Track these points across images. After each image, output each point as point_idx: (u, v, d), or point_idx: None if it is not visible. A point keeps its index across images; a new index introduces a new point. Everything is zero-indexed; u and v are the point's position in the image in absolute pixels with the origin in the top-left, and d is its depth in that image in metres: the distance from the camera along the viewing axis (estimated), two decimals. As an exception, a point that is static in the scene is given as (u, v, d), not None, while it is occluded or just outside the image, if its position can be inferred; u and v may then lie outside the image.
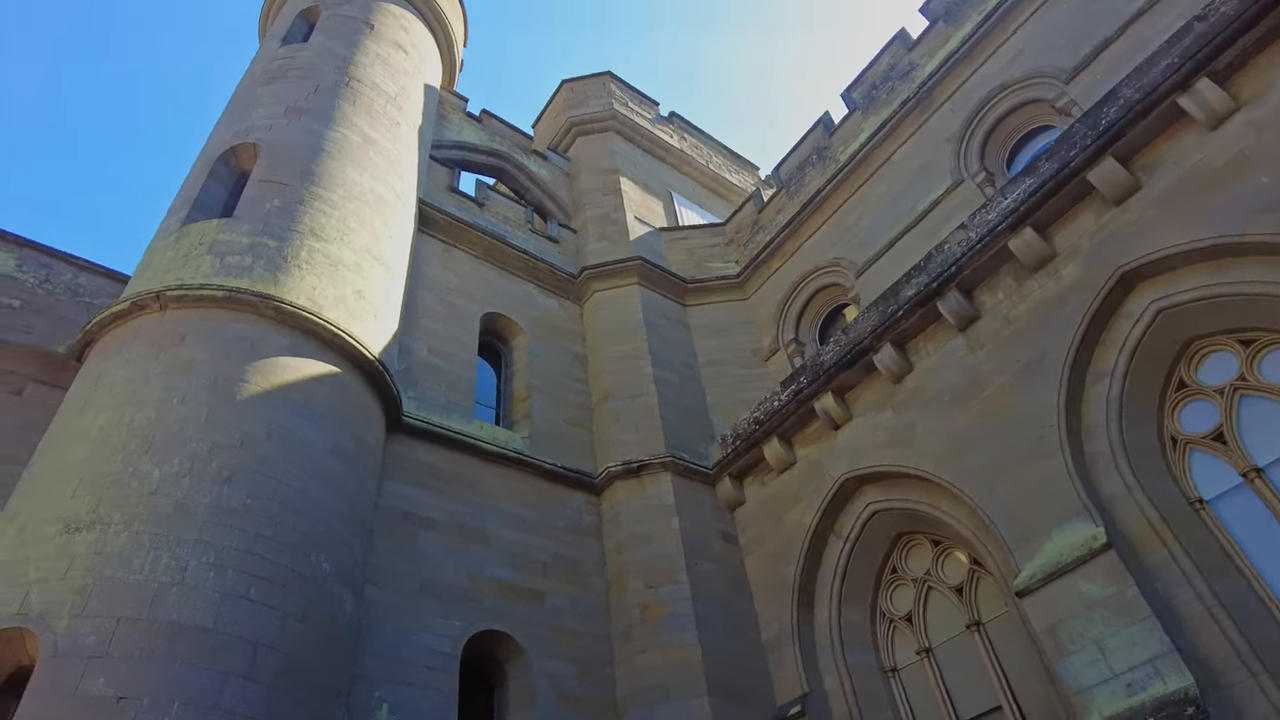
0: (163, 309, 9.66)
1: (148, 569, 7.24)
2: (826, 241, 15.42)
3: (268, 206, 11.40)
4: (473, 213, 15.56)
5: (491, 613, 10.23)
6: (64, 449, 8.29)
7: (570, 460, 12.82)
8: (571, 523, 12.12)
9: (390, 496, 10.48)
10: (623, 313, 15.40)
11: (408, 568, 9.97)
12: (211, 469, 8.21)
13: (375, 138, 13.94)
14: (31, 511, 7.70)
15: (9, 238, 10.76)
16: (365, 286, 11.47)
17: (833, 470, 11.45)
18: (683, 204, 19.62)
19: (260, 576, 7.76)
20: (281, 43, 15.44)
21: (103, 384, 8.90)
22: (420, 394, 11.96)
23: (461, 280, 14.33)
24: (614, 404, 13.80)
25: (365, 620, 9.06)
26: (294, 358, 9.81)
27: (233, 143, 12.69)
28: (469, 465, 11.58)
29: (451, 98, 18.62)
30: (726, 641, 10.88)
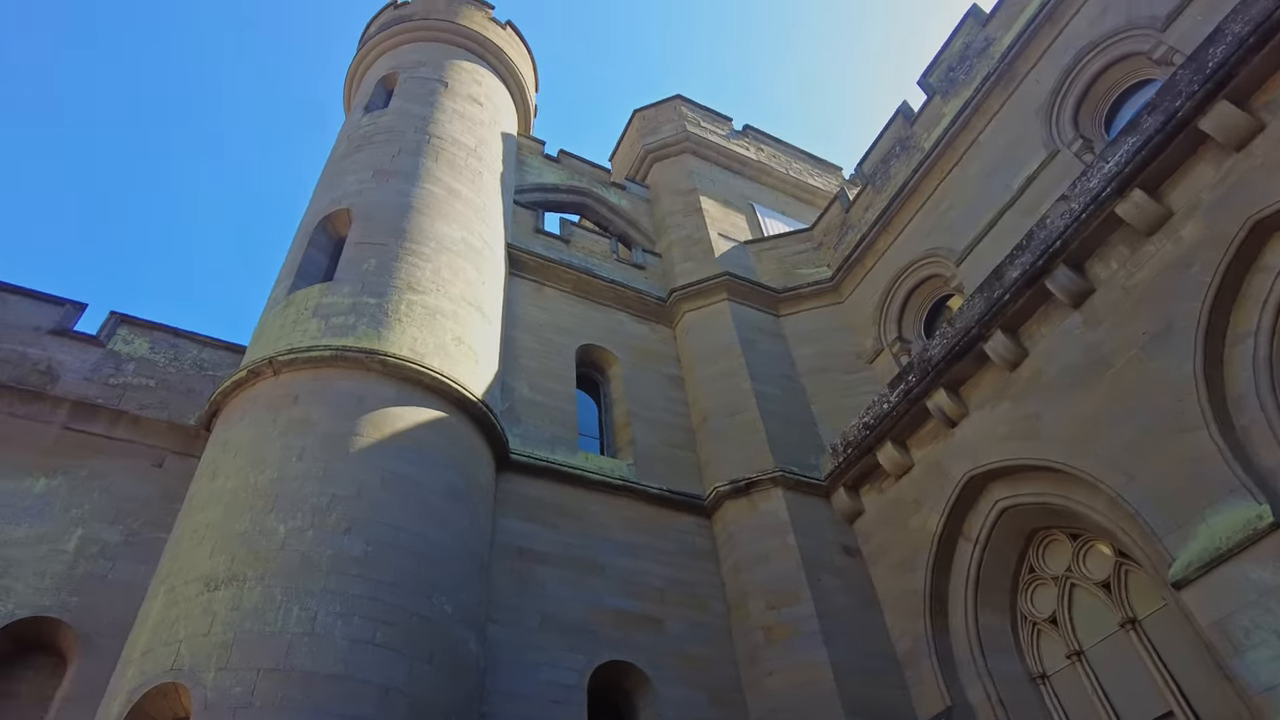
0: (276, 373, 10.20)
1: (280, 621, 7.56)
2: (920, 232, 14.86)
3: (365, 266, 11.91)
4: (559, 250, 15.85)
5: (613, 643, 10.17)
6: (199, 513, 8.83)
7: (677, 484, 12.71)
8: (684, 547, 11.97)
9: (504, 533, 10.64)
10: (715, 330, 15.26)
11: (527, 603, 10.06)
12: (331, 521, 8.54)
13: (460, 190, 14.42)
14: (176, 573, 8.21)
15: (141, 323, 11.67)
16: (463, 332, 11.79)
17: (954, 470, 10.87)
18: (766, 214, 19.37)
19: (385, 622, 7.97)
20: (365, 111, 16.27)
21: (229, 449, 9.46)
22: (525, 430, 12.16)
23: (555, 316, 14.56)
24: (715, 423, 13.63)
25: (490, 658, 9.17)
26: (401, 407, 10.14)
27: (328, 210, 13.38)
28: (577, 497, 11.64)
29: (529, 142, 19.11)
30: (858, 658, 10.42)
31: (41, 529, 9.28)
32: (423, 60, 17.82)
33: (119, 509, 9.81)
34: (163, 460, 10.51)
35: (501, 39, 19.83)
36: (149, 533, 9.70)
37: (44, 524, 9.33)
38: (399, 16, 19.28)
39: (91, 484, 9.90)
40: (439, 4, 19.46)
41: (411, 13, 19.24)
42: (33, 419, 10.13)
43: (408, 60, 17.87)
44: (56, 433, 10.14)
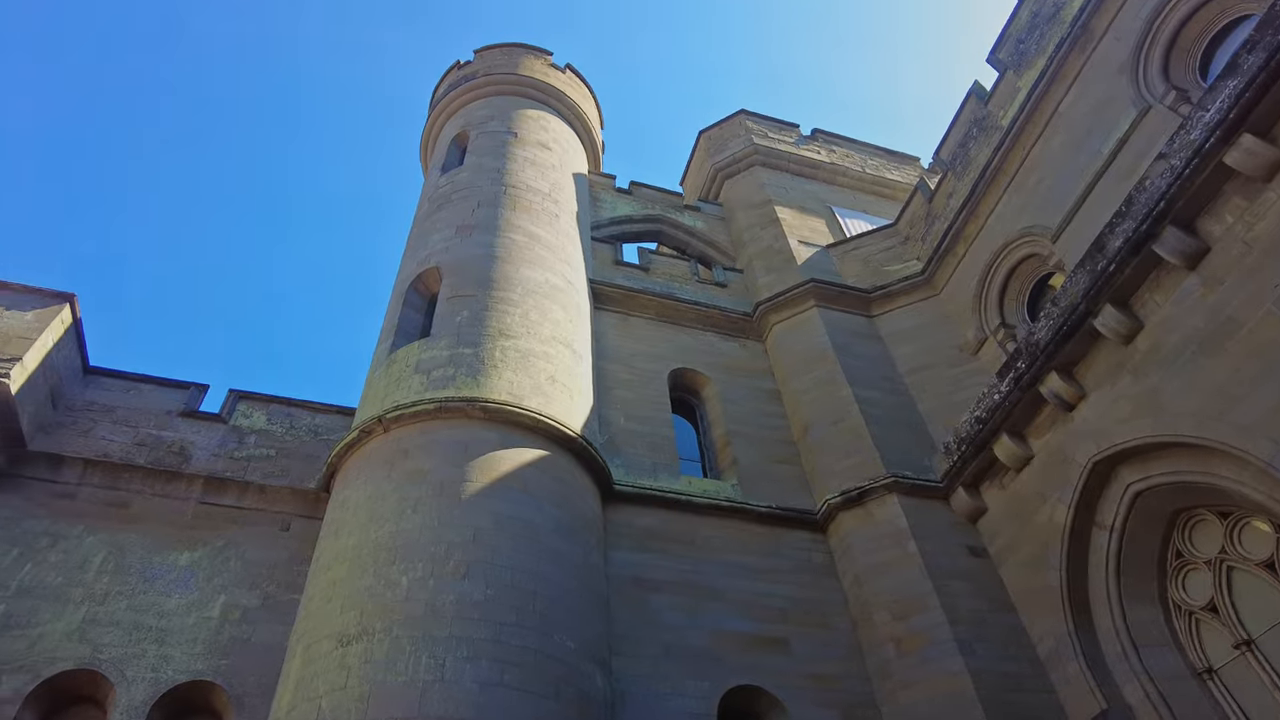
0: (386, 431, 10.62)
1: (411, 670, 7.78)
2: (1010, 213, 14.24)
3: (458, 319, 12.32)
4: (640, 279, 15.98)
5: (739, 668, 10.00)
6: (326, 571, 9.24)
7: (785, 500, 12.47)
8: (800, 563, 11.70)
9: (618, 565, 10.67)
10: (806, 339, 15.00)
11: (648, 633, 10.03)
12: (450, 568, 8.77)
13: (539, 234, 14.78)
14: (311, 631, 8.59)
15: (257, 397, 12.44)
16: (556, 371, 12.00)
17: (1077, 456, 10.26)
18: (846, 215, 19.00)
19: (510, 663, 8.09)
20: (442, 171, 16.95)
21: (348, 507, 9.88)
22: (626, 460, 12.21)
23: (643, 345, 14.65)
24: (818, 434, 13.34)
25: (616, 691, 9.16)
26: (505, 450, 10.37)
27: (418, 270, 13.94)
28: (685, 522, 11.58)
29: (600, 178, 19.45)
30: (997, 664, 9.87)
31: (189, 598, 9.93)
32: (491, 114, 18.46)
33: (254, 574, 10.41)
34: (289, 524, 11.10)
35: (562, 83, 20.35)
36: (283, 595, 10.23)
37: (191, 593, 9.99)
38: (463, 76, 20.07)
39: (228, 553, 10.56)
40: (500, 58, 20.16)
41: (475, 70, 20.00)
42: (172, 496, 10.92)
43: (476, 116, 18.54)
44: (193, 507, 10.89)
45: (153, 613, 9.65)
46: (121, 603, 9.66)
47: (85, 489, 10.69)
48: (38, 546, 9.98)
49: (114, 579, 9.87)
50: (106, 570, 9.94)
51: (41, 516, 10.30)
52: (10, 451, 10.60)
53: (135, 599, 9.74)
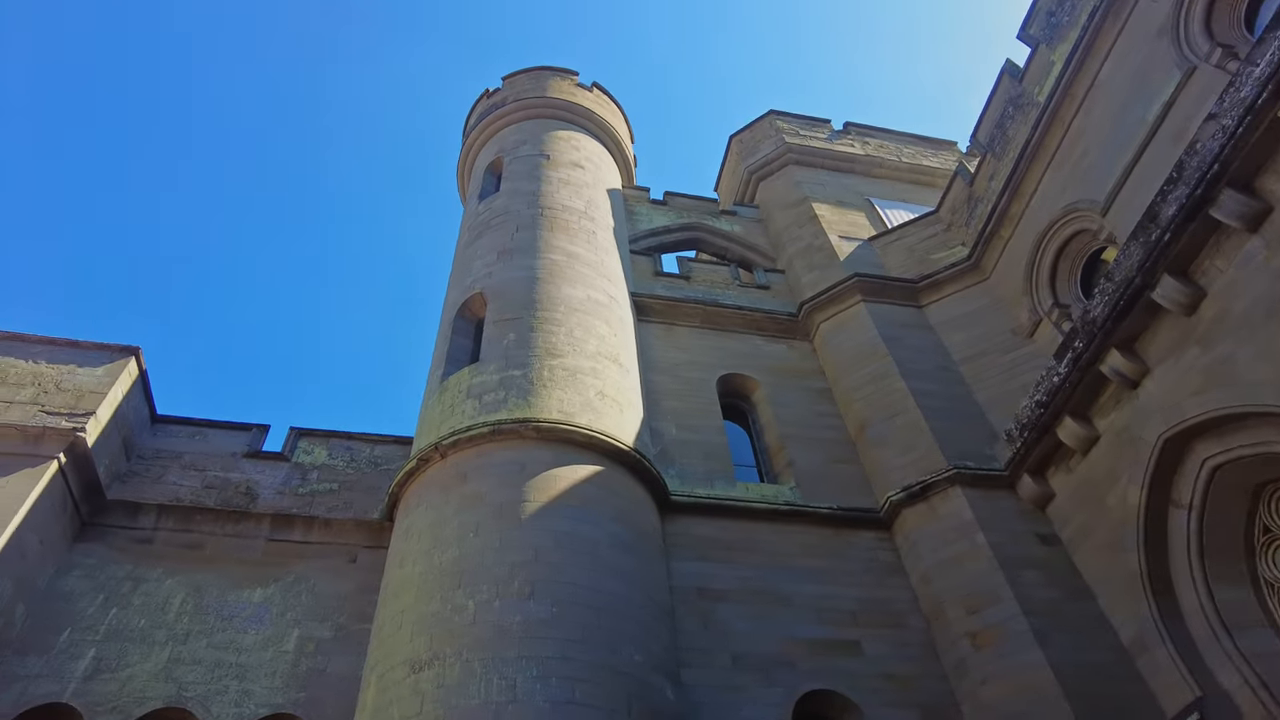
0: (443, 457, 10.77)
1: (483, 693, 7.85)
2: (1055, 189, 13.88)
3: (505, 342, 12.46)
4: (681, 288, 15.98)
5: (811, 673, 9.85)
6: (394, 600, 9.39)
7: (846, 500, 12.28)
8: (867, 564, 11.49)
9: (681, 576, 10.62)
10: (855, 335, 14.80)
11: (716, 643, 9.95)
12: (515, 588, 8.83)
13: (578, 252, 14.90)
14: (383, 660, 8.74)
15: (317, 433, 12.76)
16: (604, 386, 12.05)
17: (1146, 433, 9.89)
18: (886, 206, 18.75)
19: (580, 679, 8.10)
20: (479, 199, 17.23)
21: (411, 535, 10.04)
22: (680, 470, 12.18)
23: (689, 353, 14.63)
24: (875, 430, 13.12)
25: (688, 703, 9.10)
26: (560, 468, 10.43)
27: (462, 298, 14.16)
28: (745, 529, 11.48)
29: (634, 192, 19.55)
30: (1079, 655, 9.53)
31: (265, 633, 10.21)
32: (522, 139, 18.72)
33: (325, 607, 10.65)
34: (356, 556, 11.33)
35: (590, 101, 20.54)
36: (354, 625, 10.44)
37: (266, 629, 10.26)
38: (493, 104, 20.40)
39: (299, 587, 10.82)
40: (527, 83, 20.46)
41: (504, 98, 20.32)
42: (242, 535, 11.26)
43: (509, 142, 18.83)
44: (263, 545, 11.21)
45: (232, 649, 9.95)
46: (202, 641, 9.98)
47: (161, 533, 11.10)
48: (122, 591, 10.38)
49: (194, 619, 10.21)
50: (186, 610, 10.29)
51: (123, 562, 10.71)
52: (91, 502, 11.05)
53: (214, 637, 10.05)
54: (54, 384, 11.12)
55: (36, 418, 10.60)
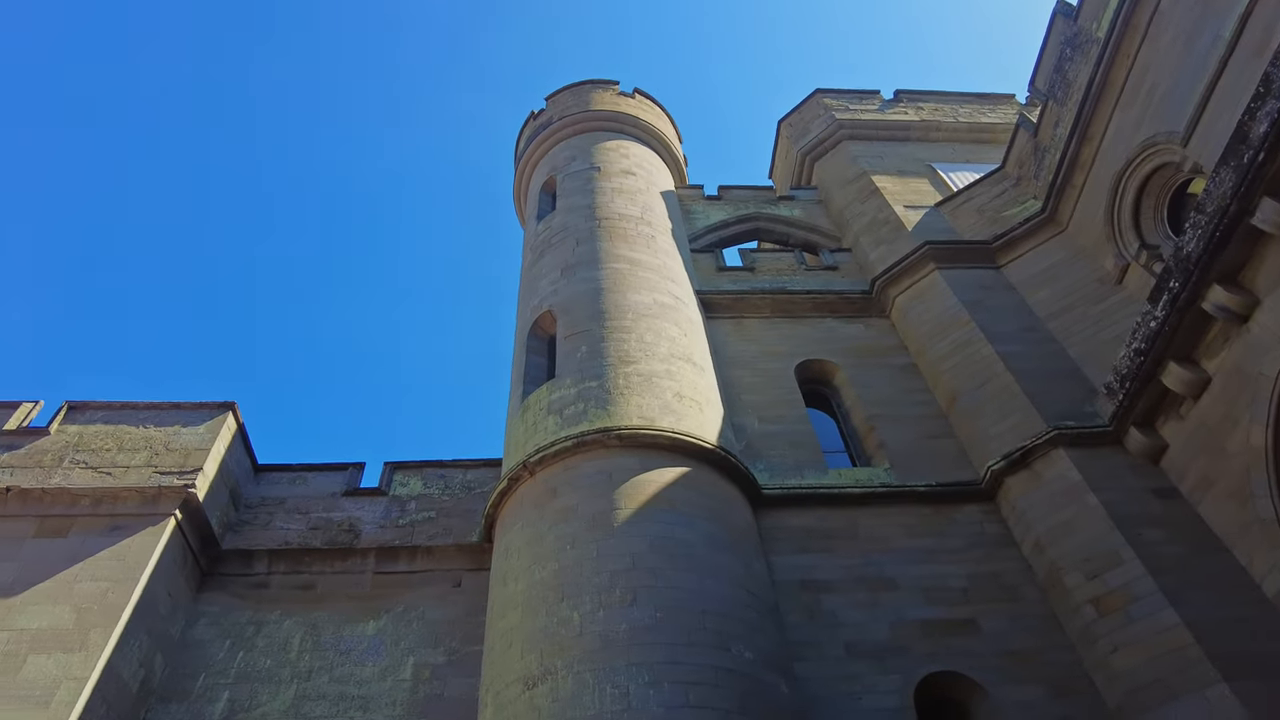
0: (532, 474, 10.91)
1: (598, 703, 7.88)
2: (1128, 126, 13.18)
3: (578, 355, 12.56)
4: (747, 280, 15.83)
5: (927, 656, 9.56)
6: (501, 619, 9.54)
7: (944, 475, 11.90)
8: (973, 539, 11.10)
9: (782, 570, 10.48)
10: (934, 305, 14.36)
11: (826, 635, 9.76)
12: (617, 597, 8.85)
13: (639, 258, 14.93)
14: (497, 679, 8.88)
15: (410, 465, 13.14)
16: (681, 387, 12.01)
17: (1264, 369, 9.22)
18: (949, 170, 18.17)
19: (692, 682, 8.05)
20: (537, 219, 17.46)
21: (510, 554, 10.19)
22: (769, 463, 12.02)
23: (763, 345, 14.45)
24: (966, 400, 12.68)
25: (804, 698, 8.94)
26: (647, 473, 10.42)
27: (532, 318, 14.36)
28: (842, 516, 11.24)
29: (688, 191, 19.49)
30: (1217, 611, 8.94)
31: (382, 664, 10.53)
32: (572, 155, 18.90)
33: (436, 633, 10.91)
34: (460, 580, 11.60)
35: (633, 108, 20.59)
36: (466, 648, 10.66)
37: (382, 660, 10.58)
38: (539, 125, 20.68)
39: (409, 616, 11.13)
40: (570, 100, 20.66)
41: (549, 118, 20.57)
42: (350, 571, 11.67)
43: (559, 160, 19.04)
44: (370, 579, 11.59)
45: (352, 682, 10.29)
46: (324, 676, 10.35)
47: (275, 576, 11.60)
48: (246, 635, 10.88)
49: (314, 655, 10.60)
50: (306, 648, 10.70)
51: (244, 608, 11.22)
52: (208, 553, 11.63)
53: (335, 671, 10.42)
54: (163, 445, 11.76)
55: (151, 479, 11.22)
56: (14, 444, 11.75)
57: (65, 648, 9.34)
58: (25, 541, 10.53)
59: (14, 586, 9.97)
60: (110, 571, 10.20)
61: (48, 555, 10.36)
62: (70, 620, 9.62)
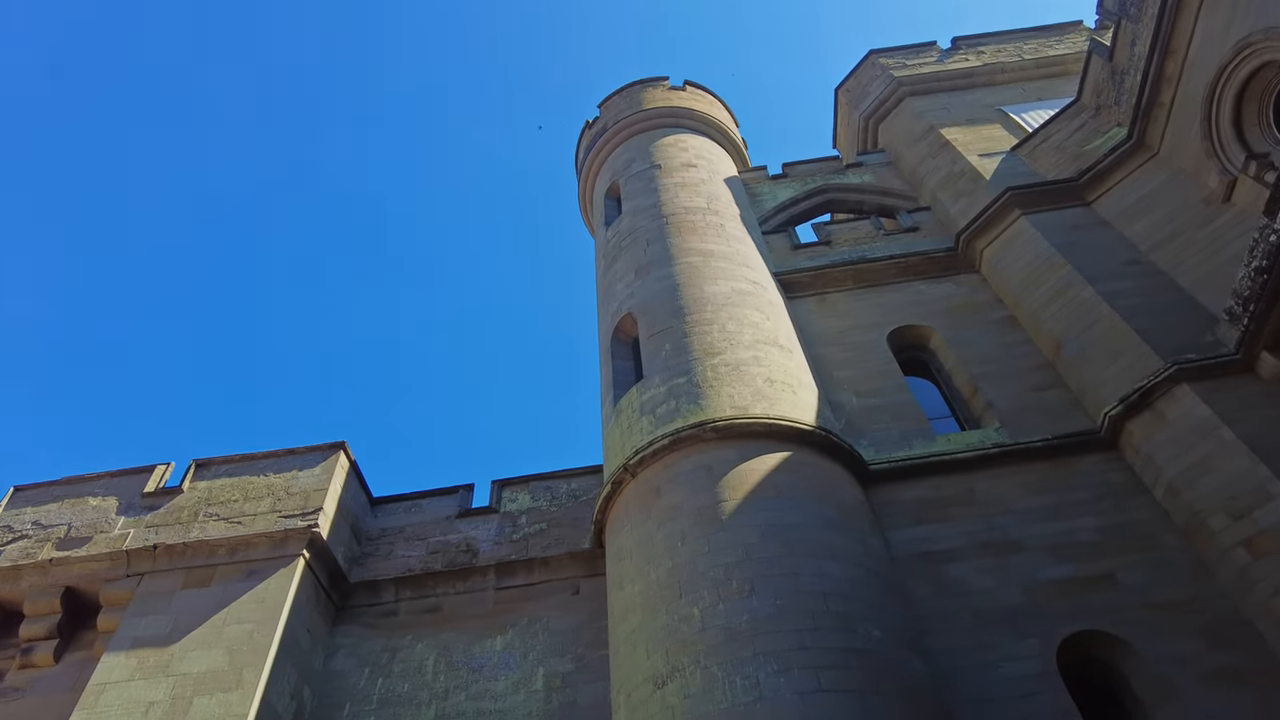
0: (633, 476, 10.97)
1: (729, 695, 7.84)
2: (1216, 31, 12.29)
3: (663, 354, 12.57)
4: (824, 254, 15.53)
5: (1065, 616, 9.14)
6: (622, 622, 9.62)
7: (1058, 428, 11.37)
8: (1098, 490, 10.56)
9: (900, 544, 10.23)
10: (1025, 253, 13.75)
11: (954, 605, 9.46)
12: (734, 589, 8.80)
13: (711, 249, 14.84)
14: (626, 680, 8.96)
15: (516, 480, 13.44)
16: (770, 372, 11.86)
17: (1406, 269, 8.47)
18: (1021, 111, 17.38)
19: (822, 666, 7.93)
20: (606, 226, 17.59)
21: (622, 557, 10.28)
22: (872, 438, 11.75)
23: (850, 318, 14.15)
24: (1072, 347, 12.09)
25: (939, 671, 8.69)
26: (748, 461, 10.34)
27: (613, 323, 14.45)
28: (956, 482, 10.89)
29: (752, 174, 19.27)
30: (1391, 537, 8.24)
31: (514, 677, 10.78)
32: (632, 157, 18.96)
33: (561, 642, 11.11)
34: (578, 587, 11.78)
35: (685, 100, 20.50)
36: (592, 653, 10.81)
37: (514, 673, 10.83)
38: (595, 134, 20.84)
39: (534, 628, 11.38)
40: (622, 103, 20.74)
41: (604, 125, 20.70)
42: (472, 590, 12.02)
43: (619, 164, 19.13)
44: (492, 595, 11.91)
45: (488, 697, 10.58)
46: (460, 695, 10.68)
47: (402, 603, 12.04)
48: (382, 662, 11.33)
49: (449, 676, 10.94)
50: (440, 669, 11.06)
51: (378, 636, 11.69)
52: (338, 588, 12.18)
53: (470, 689, 10.73)
54: (284, 490, 12.38)
55: (277, 523, 11.83)
56: (154, 505, 12.59)
57: (224, 688, 9.94)
58: (175, 594, 11.26)
59: (171, 636, 10.68)
60: (253, 614, 10.79)
61: (196, 604, 11.05)
62: (225, 662, 10.23)
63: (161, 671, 10.24)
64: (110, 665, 10.42)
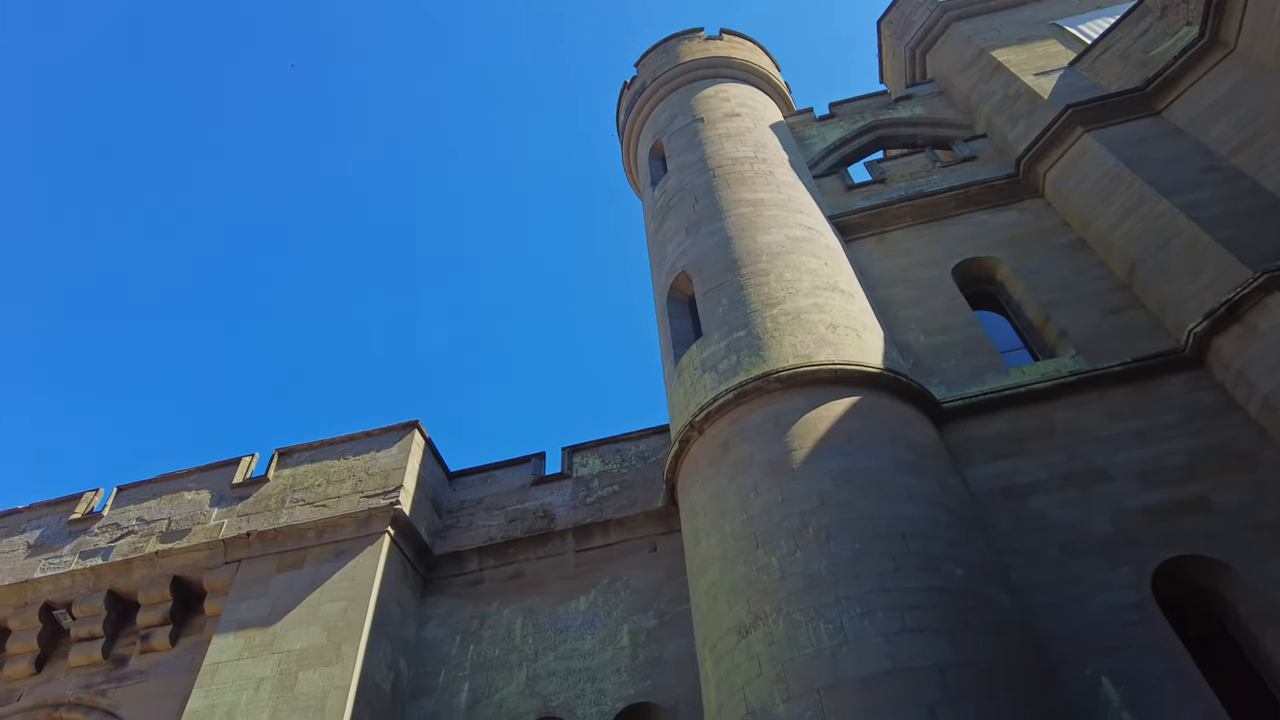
0: (701, 433, 10.96)
1: (814, 641, 7.86)
2: (1291, -88, 11.37)
3: (721, 309, 12.46)
4: (880, 193, 15.10)
5: (1159, 543, 8.85)
6: (701, 576, 9.70)
7: (1139, 350, 10.92)
8: (1187, 411, 10.13)
9: (978, 482, 10.03)
10: (1091, 171, 13.11)
11: (1038, 539, 9.26)
12: (810, 536, 8.77)
13: (761, 198, 14.57)
14: (710, 633, 9.04)
15: (586, 445, 13.63)
16: (832, 317, 11.66)
17: None
18: (1077, 23, 16.50)
19: (906, 607, 7.86)
20: (652, 186, 17.42)
21: (696, 513, 10.33)
22: (943, 377, 11.48)
23: (911, 256, 13.78)
24: (1149, 265, 11.53)
25: (1027, 606, 8.53)
26: (815, 409, 10.22)
27: (667, 283, 14.37)
28: (1035, 414, 10.59)
29: (798, 118, 18.79)
30: None
31: (599, 636, 11.03)
32: (673, 113, 18.67)
33: (643, 599, 11.29)
34: (655, 545, 11.93)
35: (723, 49, 20.05)
36: (674, 609, 10.96)
37: (599, 631, 11.08)
38: (634, 93, 20.56)
39: (615, 587, 11.58)
40: (659, 59, 20.39)
41: (642, 83, 20.40)
42: (553, 555, 12.29)
43: (661, 122, 18.87)
44: (573, 558, 12.15)
45: (576, 656, 10.84)
46: (550, 655, 10.98)
47: (486, 571, 12.40)
48: (472, 629, 11.70)
49: (536, 638, 11.25)
50: (528, 633, 11.38)
51: (465, 605, 12.07)
52: (424, 561, 12.58)
53: (559, 649, 11.02)
54: (364, 471, 12.78)
55: (360, 503, 12.24)
56: (244, 494, 13.15)
57: (325, 662, 10.41)
58: (271, 578, 11.79)
59: (271, 617, 11.21)
60: (345, 592, 11.24)
61: (291, 586, 11.55)
62: (323, 638, 10.70)
63: (267, 649, 10.77)
64: (220, 646, 11.02)
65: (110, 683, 11.86)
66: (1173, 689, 7.68)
